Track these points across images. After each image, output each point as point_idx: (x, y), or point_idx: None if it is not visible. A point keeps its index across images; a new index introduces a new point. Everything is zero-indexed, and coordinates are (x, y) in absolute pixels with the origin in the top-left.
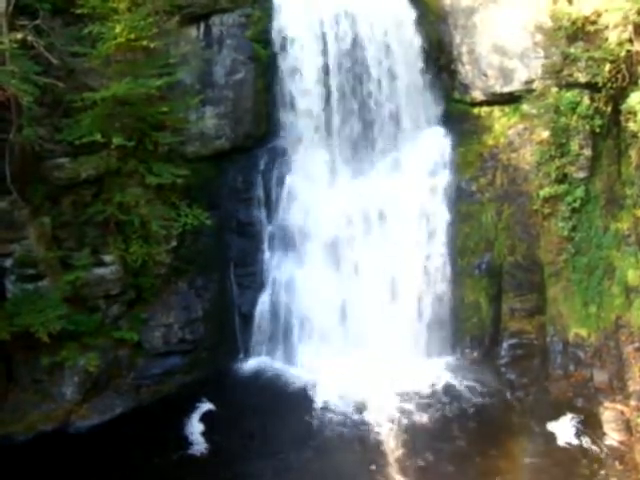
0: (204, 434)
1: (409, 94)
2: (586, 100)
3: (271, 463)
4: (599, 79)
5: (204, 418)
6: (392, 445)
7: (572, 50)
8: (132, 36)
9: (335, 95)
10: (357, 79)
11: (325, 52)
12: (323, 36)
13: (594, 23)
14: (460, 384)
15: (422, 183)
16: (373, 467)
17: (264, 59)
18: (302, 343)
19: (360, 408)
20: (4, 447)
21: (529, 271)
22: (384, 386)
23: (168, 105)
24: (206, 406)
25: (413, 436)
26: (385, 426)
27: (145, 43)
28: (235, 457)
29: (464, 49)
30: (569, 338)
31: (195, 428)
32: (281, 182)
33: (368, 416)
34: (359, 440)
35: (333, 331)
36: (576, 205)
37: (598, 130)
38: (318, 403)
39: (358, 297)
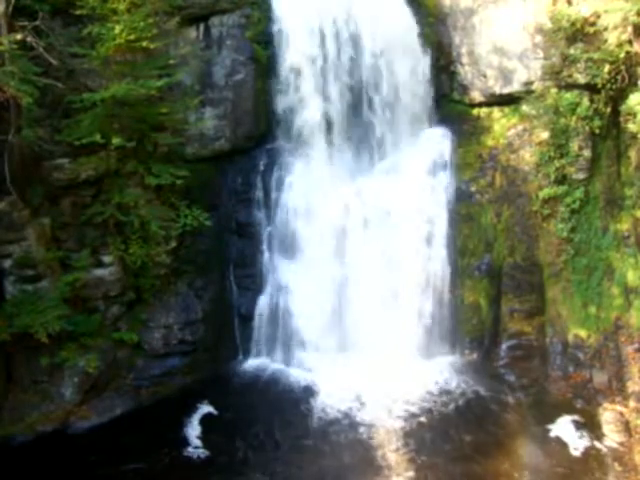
0: (203, 435)
1: (408, 95)
2: (585, 101)
3: (270, 464)
4: (598, 80)
5: (203, 419)
6: (392, 447)
7: (572, 51)
8: (132, 37)
9: (334, 97)
10: (356, 80)
11: (324, 53)
12: (322, 37)
13: (593, 24)
14: (459, 385)
15: (421, 184)
16: (373, 469)
17: (264, 60)
18: (301, 344)
19: (359, 409)
20: (4, 447)
21: (528, 272)
22: (383, 387)
23: (168, 106)
24: (205, 407)
25: (413, 437)
26: (385, 427)
27: (145, 44)
28: (234, 459)
29: (463, 50)
30: (568, 339)
31: (194, 429)
32: (280, 183)
33: (368, 417)
34: (358, 441)
35: (332, 332)
36: (575, 206)
37: (597, 131)
38: (317, 404)
39: (358, 298)
